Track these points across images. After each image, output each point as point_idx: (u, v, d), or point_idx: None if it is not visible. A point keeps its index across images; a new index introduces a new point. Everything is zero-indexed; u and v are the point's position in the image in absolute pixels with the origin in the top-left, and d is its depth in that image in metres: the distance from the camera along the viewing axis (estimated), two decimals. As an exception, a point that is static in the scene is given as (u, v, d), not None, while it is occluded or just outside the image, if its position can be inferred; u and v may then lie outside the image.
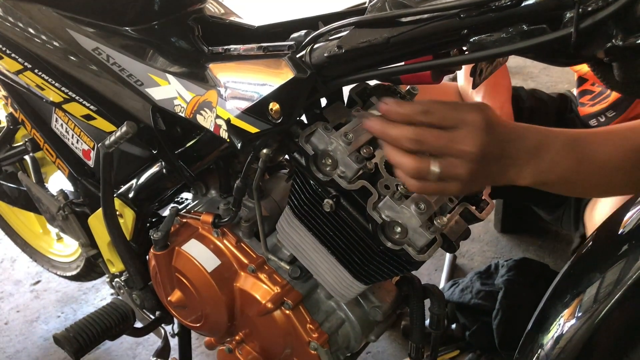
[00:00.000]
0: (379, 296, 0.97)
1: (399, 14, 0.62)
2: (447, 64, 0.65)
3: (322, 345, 0.92)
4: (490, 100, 1.36)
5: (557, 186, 0.73)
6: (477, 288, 1.56)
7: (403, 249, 0.77)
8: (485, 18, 0.57)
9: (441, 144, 0.65)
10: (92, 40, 0.95)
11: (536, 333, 0.71)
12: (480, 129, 0.65)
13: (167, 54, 0.93)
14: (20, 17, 1.01)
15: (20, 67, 1.06)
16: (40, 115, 1.23)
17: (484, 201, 0.84)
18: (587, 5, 0.52)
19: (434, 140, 0.66)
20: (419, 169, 0.67)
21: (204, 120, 0.84)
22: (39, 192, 1.34)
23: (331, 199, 0.79)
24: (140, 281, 1.12)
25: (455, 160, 0.66)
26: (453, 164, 0.66)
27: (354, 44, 0.65)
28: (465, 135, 0.65)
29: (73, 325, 1.07)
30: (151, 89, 0.92)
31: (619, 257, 0.65)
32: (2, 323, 1.78)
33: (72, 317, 1.79)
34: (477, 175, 0.67)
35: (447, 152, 0.66)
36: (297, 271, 0.93)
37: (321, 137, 0.77)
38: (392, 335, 1.60)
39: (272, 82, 0.74)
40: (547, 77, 3.09)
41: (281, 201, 1.03)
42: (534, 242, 1.94)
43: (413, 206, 0.75)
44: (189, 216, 1.02)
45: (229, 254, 0.97)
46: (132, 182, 1.08)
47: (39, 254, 1.88)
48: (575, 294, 0.67)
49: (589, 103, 1.37)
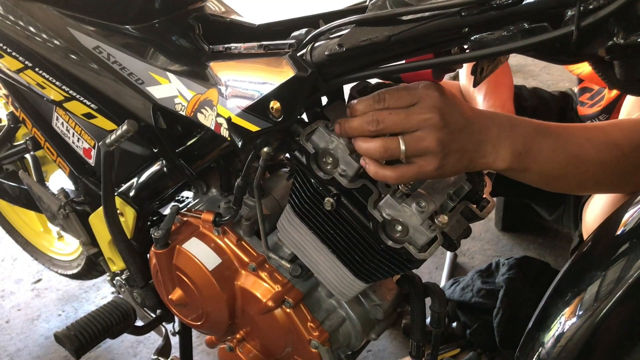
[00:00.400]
0: (379, 294, 0.97)
1: (400, 12, 0.62)
2: (448, 62, 0.64)
3: (322, 344, 0.92)
4: (492, 99, 1.36)
5: (532, 175, 0.76)
6: (477, 286, 1.56)
7: (404, 248, 0.77)
8: (486, 16, 0.57)
9: (400, 117, 0.69)
10: (92, 39, 0.95)
11: (537, 331, 0.71)
12: (435, 97, 0.68)
13: (167, 53, 0.93)
14: (20, 16, 1.01)
15: (21, 66, 1.07)
16: (41, 114, 1.23)
17: (485, 199, 0.83)
18: (588, 4, 0.52)
19: (392, 116, 0.69)
20: (386, 148, 0.69)
21: (205, 119, 0.84)
22: (39, 190, 1.34)
23: (332, 198, 0.79)
24: (141, 279, 1.12)
25: (419, 132, 0.69)
26: (419, 136, 0.69)
27: (354, 42, 0.65)
28: (421, 106, 0.68)
29: (74, 323, 1.07)
30: (152, 88, 0.92)
31: (620, 256, 0.65)
32: (3, 321, 1.78)
33: (73, 316, 1.79)
34: (449, 147, 0.69)
35: (409, 126, 0.69)
36: (298, 269, 0.93)
37: (322, 136, 0.77)
38: (392, 333, 1.60)
39: (273, 80, 0.74)
40: (548, 76, 3.09)
41: (282, 199, 1.03)
42: (535, 240, 1.94)
43: (414, 204, 0.75)
44: (190, 215, 1.03)
45: (229, 253, 0.98)
46: (133, 181, 1.08)
47: (39, 252, 1.88)
48: (576, 293, 0.67)
49: (588, 103, 1.37)
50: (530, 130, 0.74)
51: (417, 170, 0.71)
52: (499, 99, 1.37)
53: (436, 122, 0.68)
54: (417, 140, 0.69)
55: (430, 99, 0.69)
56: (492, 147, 0.72)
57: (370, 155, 0.72)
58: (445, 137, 0.69)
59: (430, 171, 0.71)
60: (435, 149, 0.69)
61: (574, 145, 0.76)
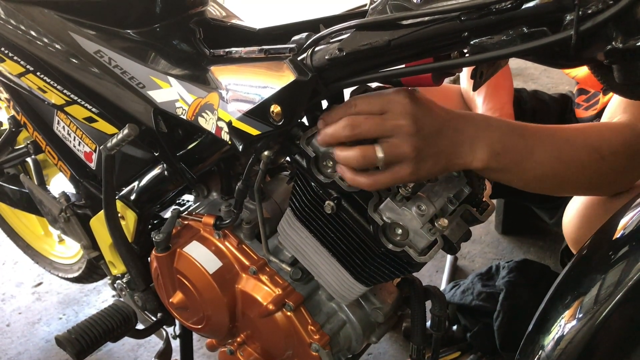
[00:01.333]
0: (380, 298, 0.97)
1: (400, 17, 0.62)
2: (448, 67, 0.65)
3: (323, 347, 0.92)
4: (491, 101, 1.36)
5: (510, 175, 0.76)
6: (478, 289, 1.56)
7: (404, 251, 0.77)
8: (486, 20, 0.57)
9: (375, 122, 0.70)
10: (94, 43, 0.96)
11: (537, 334, 0.71)
12: (406, 103, 0.69)
13: (168, 57, 0.93)
14: (22, 20, 1.01)
15: (22, 70, 1.07)
16: (42, 118, 1.23)
17: (485, 203, 0.84)
18: (587, 8, 0.52)
19: (366, 122, 0.70)
20: (364, 156, 0.70)
21: (206, 123, 0.84)
22: (41, 194, 1.35)
23: (332, 201, 0.79)
24: (141, 283, 1.12)
25: (394, 139, 0.69)
26: (394, 143, 0.69)
27: (355, 47, 0.66)
28: (394, 113, 0.69)
29: (75, 327, 1.08)
30: (153, 92, 0.92)
31: (620, 259, 0.65)
32: (3, 325, 1.78)
33: (73, 319, 1.79)
34: (425, 152, 0.70)
35: (383, 132, 0.70)
36: (299, 273, 0.93)
37: (322, 139, 0.77)
38: (393, 336, 1.60)
39: (274, 84, 0.74)
40: (548, 79, 3.10)
41: (282, 203, 1.03)
42: (535, 243, 1.94)
43: (414, 208, 0.75)
44: (191, 218, 1.03)
45: (230, 256, 0.98)
46: (134, 184, 1.08)
47: (40, 255, 1.89)
48: (576, 296, 0.67)
49: (584, 105, 1.37)
50: (507, 131, 0.75)
51: (391, 176, 0.71)
52: (498, 101, 1.38)
53: (409, 129, 0.69)
54: (393, 147, 0.70)
55: (400, 105, 0.69)
56: (469, 148, 0.72)
57: (348, 164, 0.72)
58: (419, 142, 0.69)
59: (404, 176, 0.71)
60: (409, 155, 0.69)
61: (552, 146, 0.76)
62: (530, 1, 0.55)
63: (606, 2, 0.51)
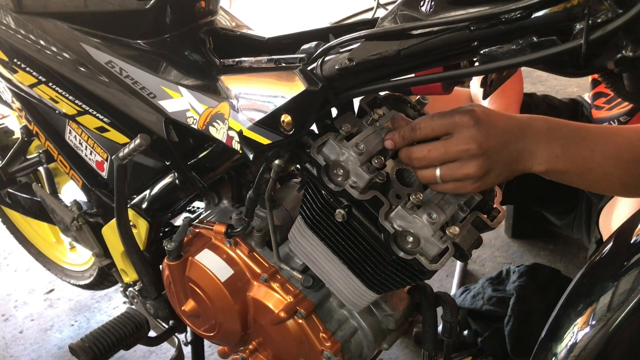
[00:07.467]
0: (391, 304, 0.97)
1: (410, 27, 0.63)
2: (458, 76, 0.65)
3: (335, 354, 0.92)
4: (497, 102, 1.37)
5: (572, 176, 0.76)
6: (488, 294, 1.56)
7: (415, 259, 0.77)
8: (495, 30, 0.58)
9: (440, 152, 0.71)
10: (105, 54, 0.97)
11: (550, 342, 0.71)
12: (470, 126, 0.69)
13: (179, 67, 0.94)
14: (34, 32, 1.03)
15: (34, 81, 1.08)
16: (54, 128, 1.25)
17: (495, 209, 0.84)
18: (597, 17, 0.52)
19: (432, 153, 0.72)
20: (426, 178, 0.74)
21: (217, 132, 0.85)
22: (53, 203, 1.36)
23: (343, 209, 0.79)
24: (154, 291, 1.13)
25: (458, 163, 0.71)
26: (456, 165, 0.71)
27: (364, 57, 0.66)
28: (458, 138, 0.70)
29: (88, 335, 1.08)
30: (164, 102, 0.93)
31: (633, 265, 0.65)
32: (16, 331, 1.80)
33: (85, 326, 1.80)
34: (490, 168, 0.71)
35: (447, 158, 0.71)
36: (310, 280, 0.93)
37: (332, 148, 0.77)
38: (404, 342, 1.59)
39: (284, 94, 0.75)
40: (556, 81, 3.09)
41: (293, 210, 1.04)
42: (545, 247, 1.94)
43: (425, 216, 0.75)
44: (202, 226, 1.03)
45: (241, 264, 0.98)
46: (146, 193, 1.09)
47: (52, 263, 1.90)
48: (589, 303, 0.67)
49: (605, 106, 1.36)
50: (566, 132, 0.74)
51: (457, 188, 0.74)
52: (503, 102, 1.38)
53: (475, 152, 0.70)
54: (454, 169, 0.71)
55: (465, 129, 0.70)
56: (529, 154, 0.72)
57: None
58: (484, 162, 0.70)
59: (469, 191, 0.75)
60: (475, 175, 0.71)
61: (613, 145, 0.75)
62: (539, 10, 0.55)
63: (616, 11, 0.51)
